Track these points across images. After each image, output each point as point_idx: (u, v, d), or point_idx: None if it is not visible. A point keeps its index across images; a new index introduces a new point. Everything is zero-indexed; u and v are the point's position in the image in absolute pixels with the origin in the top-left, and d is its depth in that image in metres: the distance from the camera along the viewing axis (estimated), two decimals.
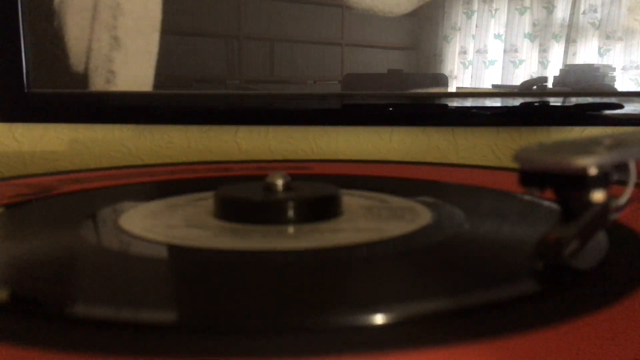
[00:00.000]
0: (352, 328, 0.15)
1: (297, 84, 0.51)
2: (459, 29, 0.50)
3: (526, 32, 0.49)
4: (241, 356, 0.13)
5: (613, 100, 0.48)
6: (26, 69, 0.50)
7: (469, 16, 0.50)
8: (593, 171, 0.18)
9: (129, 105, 0.52)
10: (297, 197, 0.25)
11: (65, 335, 0.14)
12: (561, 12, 0.49)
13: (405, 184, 0.37)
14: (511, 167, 0.19)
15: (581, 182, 0.18)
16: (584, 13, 0.48)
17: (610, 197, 0.19)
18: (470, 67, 0.50)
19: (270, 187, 0.26)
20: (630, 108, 0.48)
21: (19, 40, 0.50)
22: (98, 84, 0.51)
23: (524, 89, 0.49)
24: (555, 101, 0.49)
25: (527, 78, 0.49)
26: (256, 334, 0.15)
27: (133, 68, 0.51)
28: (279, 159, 0.52)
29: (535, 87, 0.49)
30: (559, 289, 0.17)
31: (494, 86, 0.50)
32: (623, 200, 0.20)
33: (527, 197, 0.30)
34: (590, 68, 0.49)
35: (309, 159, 0.51)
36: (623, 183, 0.20)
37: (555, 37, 0.49)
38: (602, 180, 0.18)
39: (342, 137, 0.53)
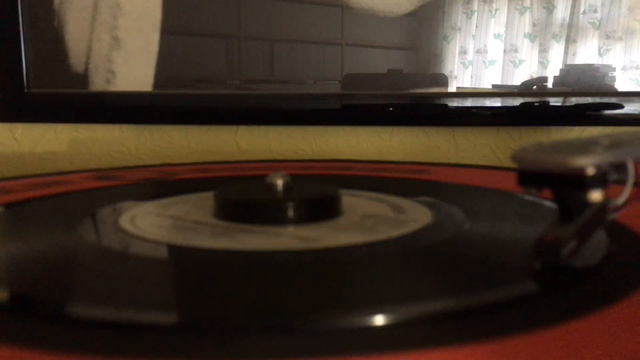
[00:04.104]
0: (352, 329, 0.15)
1: (297, 84, 0.51)
2: (459, 29, 0.50)
3: (526, 32, 0.49)
4: (240, 357, 0.13)
5: (613, 100, 0.48)
6: (26, 69, 0.50)
7: (469, 16, 0.50)
8: (591, 171, 0.18)
9: (129, 105, 0.52)
10: (297, 197, 0.25)
11: (64, 336, 0.14)
12: (561, 12, 0.49)
13: (405, 184, 0.37)
14: (511, 167, 0.19)
15: (579, 182, 0.18)
16: (584, 13, 0.48)
17: (609, 197, 0.19)
18: (470, 67, 0.50)
19: (270, 187, 0.26)
20: (630, 108, 0.48)
21: (19, 40, 0.50)
22: (98, 84, 0.51)
23: (524, 89, 0.49)
24: (555, 101, 0.49)
25: (527, 78, 0.49)
26: (255, 335, 0.15)
27: (133, 68, 0.51)
28: (279, 159, 0.52)
29: (535, 87, 0.49)
30: (559, 289, 0.17)
31: (494, 86, 0.50)
32: (621, 200, 0.20)
33: (526, 197, 0.30)
34: (590, 68, 0.49)
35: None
36: (622, 183, 0.20)
37: (555, 37, 0.49)
38: (600, 180, 0.18)
39: (342, 137, 0.53)
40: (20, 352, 0.13)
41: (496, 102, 0.50)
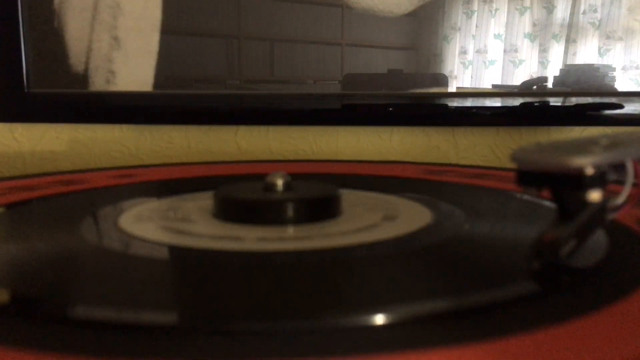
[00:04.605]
0: (352, 329, 0.15)
1: (297, 84, 0.51)
2: (459, 29, 0.50)
3: (526, 32, 0.49)
4: (241, 357, 0.13)
5: (613, 100, 0.48)
6: (26, 69, 0.50)
7: (469, 16, 0.50)
8: (590, 171, 0.18)
9: (129, 105, 0.52)
10: (297, 197, 0.25)
11: (63, 337, 0.14)
12: (561, 12, 0.49)
13: (405, 183, 0.37)
14: (511, 167, 0.19)
15: (578, 181, 0.18)
16: (584, 13, 0.48)
17: (608, 197, 0.19)
18: (470, 67, 0.50)
19: (270, 187, 0.26)
20: (630, 108, 0.48)
21: (19, 40, 0.50)
22: (98, 84, 0.51)
23: (524, 89, 0.49)
24: (555, 101, 0.49)
25: (527, 78, 0.49)
26: (256, 335, 0.15)
27: (133, 68, 0.51)
28: (279, 159, 0.52)
29: (535, 87, 0.49)
30: (558, 289, 0.17)
31: (494, 86, 0.50)
32: (620, 200, 0.20)
33: (526, 197, 0.30)
34: (590, 68, 0.49)
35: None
36: (621, 183, 0.20)
37: (555, 37, 0.49)
38: (599, 180, 0.18)
39: (342, 137, 0.53)
40: (19, 355, 0.13)
41: (496, 102, 0.50)
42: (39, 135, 0.54)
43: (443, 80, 0.50)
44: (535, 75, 0.49)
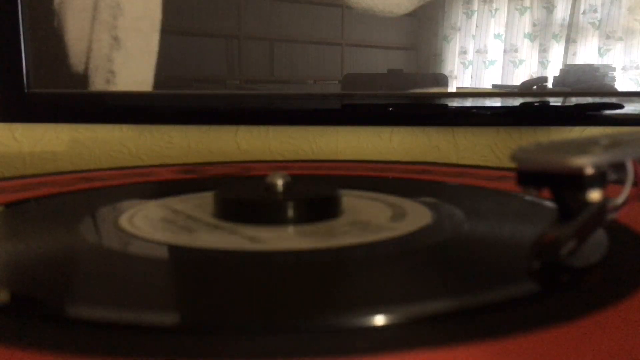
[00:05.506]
0: (352, 329, 0.15)
1: (297, 84, 0.51)
2: (459, 29, 0.50)
3: (526, 32, 0.49)
4: (241, 357, 0.13)
5: (613, 100, 0.48)
6: (26, 69, 0.50)
7: (469, 16, 0.50)
8: (590, 171, 0.18)
9: (129, 105, 0.52)
10: (297, 197, 0.25)
11: (63, 336, 0.14)
12: (561, 12, 0.49)
13: (405, 184, 0.37)
14: (511, 167, 0.19)
15: (578, 181, 0.18)
16: (584, 13, 0.48)
17: (608, 197, 0.19)
18: (470, 67, 0.50)
19: (270, 187, 0.26)
20: (630, 108, 0.48)
21: (19, 40, 0.50)
22: (98, 84, 0.51)
23: (524, 89, 0.49)
24: (555, 101, 0.49)
25: (527, 78, 0.49)
26: (255, 335, 0.15)
27: (133, 68, 0.51)
28: (279, 159, 0.52)
29: (535, 87, 0.49)
30: (559, 289, 0.17)
31: (494, 86, 0.50)
32: (620, 199, 0.20)
33: (526, 197, 0.30)
34: (590, 68, 0.49)
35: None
36: (621, 183, 0.20)
37: (555, 37, 0.49)
38: (599, 179, 0.18)
39: (342, 137, 0.53)
40: (19, 354, 0.13)
41: (496, 102, 0.50)
42: (39, 135, 0.54)
43: (443, 80, 0.50)
44: (535, 75, 0.49)
